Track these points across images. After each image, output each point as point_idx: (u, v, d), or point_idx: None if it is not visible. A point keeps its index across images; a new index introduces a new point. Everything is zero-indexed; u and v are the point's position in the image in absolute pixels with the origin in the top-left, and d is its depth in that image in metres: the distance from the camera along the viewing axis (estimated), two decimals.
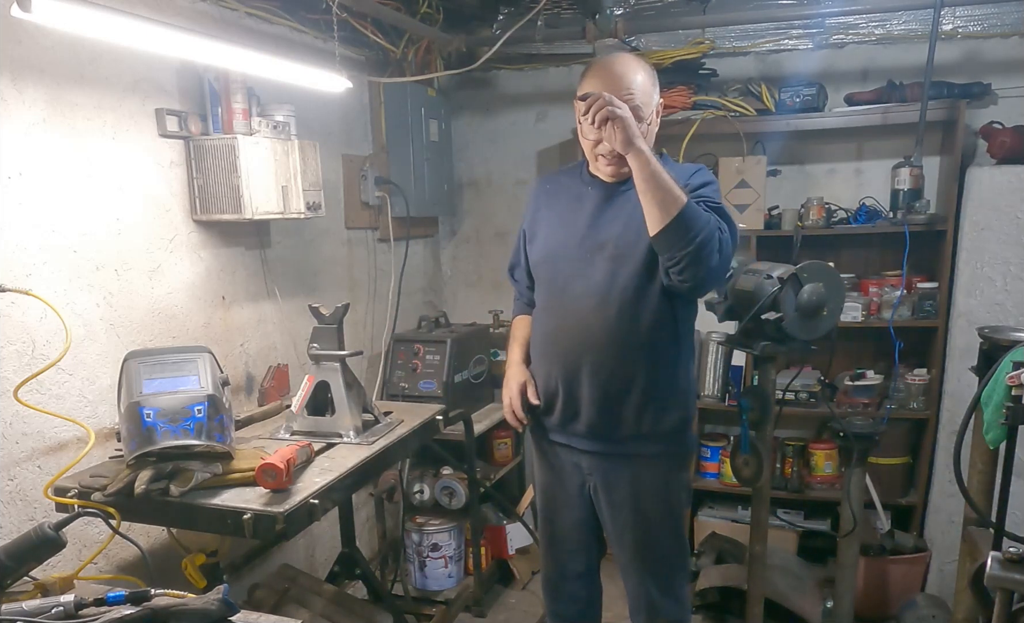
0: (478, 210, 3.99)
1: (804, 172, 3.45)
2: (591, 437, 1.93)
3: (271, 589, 2.44)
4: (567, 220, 1.92)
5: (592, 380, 1.86)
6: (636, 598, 2.02)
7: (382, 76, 3.21)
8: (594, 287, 1.84)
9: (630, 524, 1.93)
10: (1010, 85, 3.07)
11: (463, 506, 3.16)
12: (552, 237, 1.95)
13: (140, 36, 1.64)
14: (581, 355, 1.87)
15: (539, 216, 2.01)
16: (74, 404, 1.98)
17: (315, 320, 2.21)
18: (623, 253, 1.81)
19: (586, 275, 1.85)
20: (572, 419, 1.94)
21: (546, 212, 2.00)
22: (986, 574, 1.42)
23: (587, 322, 1.85)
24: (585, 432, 1.93)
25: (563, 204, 1.96)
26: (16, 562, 1.32)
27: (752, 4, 3.24)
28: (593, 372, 1.86)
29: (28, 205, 1.84)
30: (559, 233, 1.93)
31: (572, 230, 1.90)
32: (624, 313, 1.81)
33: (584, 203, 1.91)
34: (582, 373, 1.88)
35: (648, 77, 1.80)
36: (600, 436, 1.91)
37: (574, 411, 1.92)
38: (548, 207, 2.00)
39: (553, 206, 1.99)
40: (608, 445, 1.91)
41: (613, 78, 1.75)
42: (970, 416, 1.79)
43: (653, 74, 1.83)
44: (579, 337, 1.87)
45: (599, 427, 1.90)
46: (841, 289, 2.23)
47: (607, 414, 1.88)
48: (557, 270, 1.92)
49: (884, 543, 3.05)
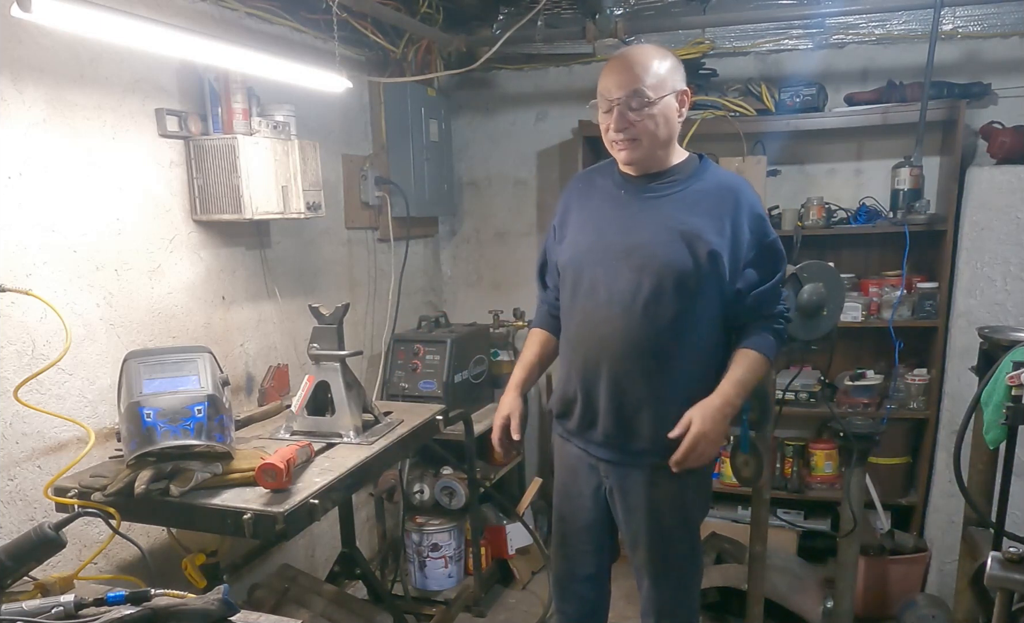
0: (478, 210, 3.99)
1: (804, 172, 3.45)
2: (607, 446, 1.90)
3: (271, 589, 2.44)
4: (596, 223, 1.89)
5: (610, 390, 1.83)
6: (648, 601, 2.00)
7: (382, 76, 3.21)
8: (617, 295, 1.80)
9: (644, 530, 1.91)
10: (1010, 85, 3.07)
11: (463, 506, 3.16)
12: (581, 240, 1.90)
13: (140, 36, 1.64)
14: (600, 363, 1.84)
15: (569, 217, 1.96)
16: (74, 404, 1.98)
17: (315, 320, 2.21)
18: (647, 263, 1.77)
19: (610, 282, 1.82)
20: (590, 426, 1.91)
21: (576, 213, 1.95)
22: (986, 574, 1.42)
23: (608, 330, 1.82)
24: (602, 440, 1.90)
25: (593, 205, 1.92)
26: (16, 562, 1.32)
27: (752, 4, 3.24)
28: (611, 382, 1.83)
29: (28, 205, 1.84)
30: (588, 236, 1.89)
31: (600, 234, 1.86)
32: (645, 324, 1.77)
33: (614, 206, 1.87)
34: (600, 382, 1.85)
35: (664, 62, 1.76)
36: (616, 445, 1.89)
37: (592, 418, 1.90)
38: (579, 208, 1.95)
39: (584, 207, 1.94)
40: (624, 455, 1.89)
41: (621, 68, 1.74)
42: (970, 416, 1.79)
43: (674, 62, 1.79)
44: (599, 345, 1.84)
45: (615, 436, 1.87)
46: (841, 289, 2.23)
47: (623, 424, 1.85)
48: (582, 274, 1.88)
49: (884, 543, 3.05)
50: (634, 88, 1.72)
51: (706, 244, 1.74)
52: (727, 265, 1.76)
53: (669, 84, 1.76)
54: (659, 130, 1.76)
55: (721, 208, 1.77)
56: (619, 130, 1.75)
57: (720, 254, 1.75)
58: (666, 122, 1.76)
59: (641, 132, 1.75)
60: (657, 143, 1.78)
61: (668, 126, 1.77)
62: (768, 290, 1.84)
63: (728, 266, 1.76)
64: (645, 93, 1.72)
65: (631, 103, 1.72)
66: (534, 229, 3.92)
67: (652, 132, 1.75)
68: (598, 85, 1.78)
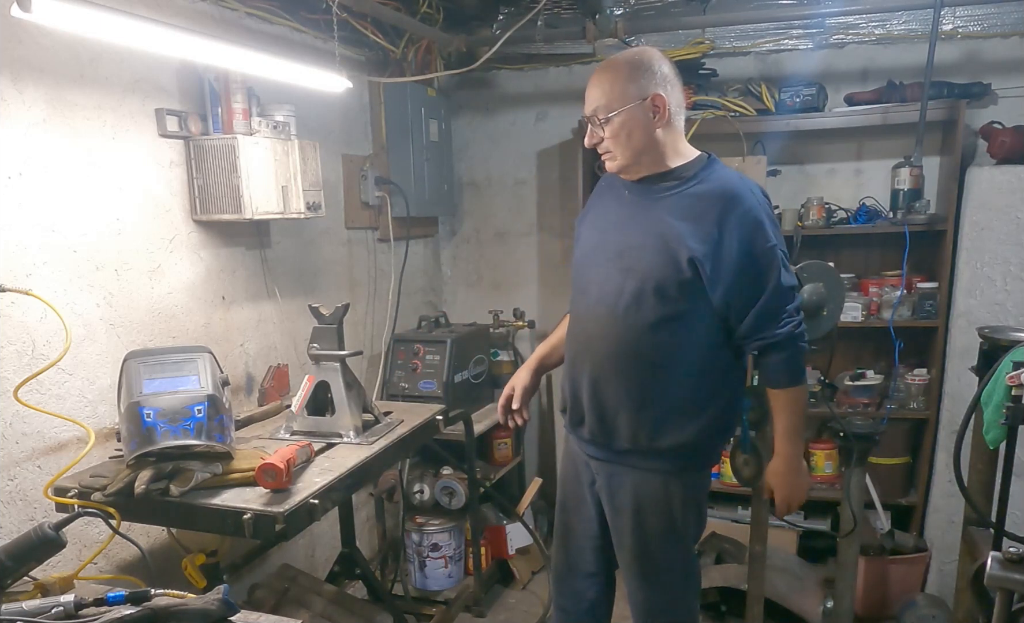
0: (478, 210, 3.99)
1: (804, 172, 3.45)
2: (593, 443, 1.93)
3: (271, 589, 2.44)
4: (602, 224, 1.90)
5: (590, 389, 1.86)
6: (633, 604, 2.02)
7: (382, 76, 3.21)
8: (605, 297, 1.82)
9: (628, 531, 1.92)
10: (1010, 85, 3.07)
11: (463, 506, 3.16)
12: (588, 240, 1.93)
13: (140, 36, 1.64)
14: (584, 362, 1.87)
15: (587, 217, 1.99)
16: (74, 404, 1.98)
17: (315, 320, 2.21)
18: (633, 266, 1.77)
19: (601, 282, 1.83)
20: (579, 423, 1.95)
21: (592, 214, 1.97)
22: (986, 574, 1.41)
23: (593, 330, 1.85)
24: (588, 437, 1.94)
25: (604, 206, 1.93)
26: (16, 562, 1.32)
27: (752, 4, 3.24)
28: (592, 381, 1.86)
29: (28, 205, 1.84)
30: (593, 236, 1.91)
31: (602, 235, 1.87)
32: (626, 326, 1.78)
33: (619, 207, 1.87)
34: (584, 380, 1.88)
35: (620, 74, 1.73)
36: (601, 444, 1.91)
37: (580, 415, 1.94)
38: (595, 208, 1.98)
39: (598, 207, 1.96)
40: (609, 453, 1.91)
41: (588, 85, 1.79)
42: (970, 416, 1.78)
43: (633, 69, 1.73)
44: (585, 344, 1.87)
45: (599, 435, 1.90)
46: (841, 289, 2.23)
47: (605, 424, 1.87)
48: (582, 274, 1.91)
49: (884, 543, 3.05)
50: (593, 107, 1.76)
51: (687, 250, 1.69)
52: (708, 273, 1.70)
53: (631, 94, 1.71)
54: (629, 141, 1.74)
55: (710, 213, 1.71)
56: (590, 146, 1.80)
57: (700, 261, 1.69)
58: (631, 134, 1.73)
59: (611, 145, 1.77)
60: (632, 153, 1.76)
61: (638, 135, 1.74)
62: (764, 309, 1.73)
63: (709, 274, 1.70)
64: (599, 112, 1.75)
65: (595, 119, 1.77)
66: (534, 229, 3.92)
67: (622, 144, 1.75)
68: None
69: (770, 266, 1.72)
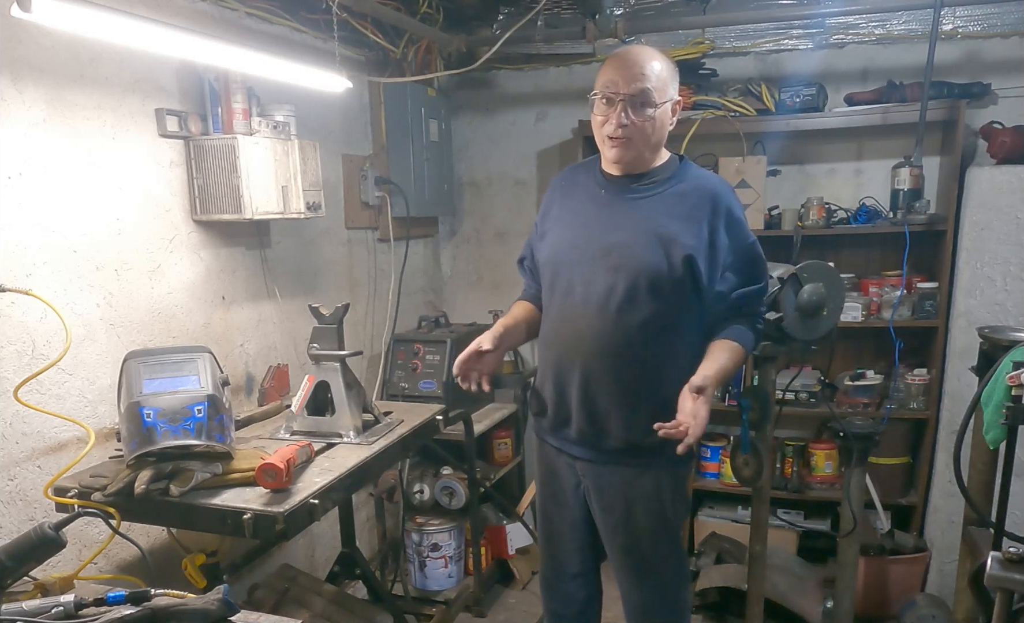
0: (478, 210, 3.99)
1: (804, 172, 3.45)
2: (582, 444, 1.91)
3: (271, 589, 2.44)
4: (576, 222, 1.89)
5: (582, 389, 1.84)
6: (627, 602, 2.01)
7: (382, 76, 3.21)
8: (593, 295, 1.81)
9: (620, 529, 1.92)
10: (1010, 85, 3.07)
11: (463, 506, 3.16)
12: (560, 238, 1.91)
13: (140, 36, 1.64)
14: (573, 362, 1.85)
15: (551, 213, 1.97)
16: (74, 404, 1.98)
17: (315, 320, 2.21)
18: (624, 264, 1.77)
19: (587, 281, 1.82)
20: (564, 424, 1.93)
21: (558, 210, 1.96)
22: (986, 574, 1.41)
23: (582, 329, 1.83)
24: (576, 438, 1.92)
25: (575, 204, 1.92)
26: (16, 562, 1.32)
27: (752, 4, 3.24)
28: (583, 381, 1.84)
29: (28, 205, 1.84)
30: (567, 234, 1.89)
31: (579, 233, 1.86)
32: (619, 325, 1.78)
33: (595, 205, 1.87)
34: (573, 380, 1.86)
35: (666, 67, 1.77)
36: (590, 444, 1.90)
37: (566, 416, 1.91)
38: (561, 205, 1.96)
39: (566, 204, 1.95)
40: (598, 453, 1.89)
41: (628, 63, 1.74)
42: (970, 416, 1.79)
43: (673, 68, 1.80)
44: (574, 344, 1.85)
45: (588, 435, 1.88)
46: (841, 289, 2.23)
47: (595, 423, 1.86)
48: (560, 273, 1.88)
49: (884, 543, 3.05)
50: (642, 87, 1.72)
51: (682, 248, 1.74)
52: (703, 270, 1.76)
53: (670, 91, 1.78)
54: (654, 134, 1.77)
55: (699, 211, 1.77)
56: (619, 126, 1.74)
57: (695, 258, 1.74)
58: (660, 127, 1.78)
59: (636, 133, 1.75)
60: (648, 146, 1.79)
61: (661, 131, 1.80)
62: (752, 292, 1.86)
63: (704, 271, 1.76)
64: (651, 94, 1.73)
65: (636, 102, 1.73)
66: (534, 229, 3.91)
67: (647, 135, 1.76)
68: (601, 76, 1.78)
69: (758, 260, 1.86)
